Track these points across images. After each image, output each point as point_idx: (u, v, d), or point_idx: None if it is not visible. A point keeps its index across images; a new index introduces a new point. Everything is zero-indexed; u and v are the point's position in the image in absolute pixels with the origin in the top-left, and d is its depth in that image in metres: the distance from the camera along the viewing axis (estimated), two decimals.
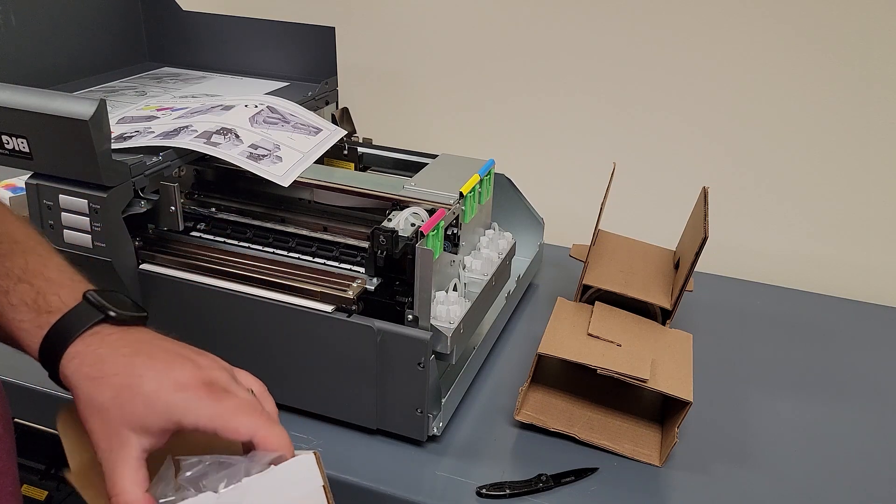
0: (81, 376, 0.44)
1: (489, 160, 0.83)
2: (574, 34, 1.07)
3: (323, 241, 0.76)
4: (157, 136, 0.75)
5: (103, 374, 0.44)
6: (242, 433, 0.43)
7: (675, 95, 1.05)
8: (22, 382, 0.74)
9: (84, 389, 0.44)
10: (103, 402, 0.43)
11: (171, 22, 1.06)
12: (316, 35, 1.00)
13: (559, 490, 0.67)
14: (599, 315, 0.79)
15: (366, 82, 1.20)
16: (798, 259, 1.07)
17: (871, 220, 1.03)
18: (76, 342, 0.45)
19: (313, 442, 0.71)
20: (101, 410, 0.43)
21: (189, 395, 0.43)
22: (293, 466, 0.43)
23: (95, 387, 0.44)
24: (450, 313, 0.70)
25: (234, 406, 0.43)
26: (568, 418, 0.74)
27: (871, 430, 0.77)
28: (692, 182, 0.88)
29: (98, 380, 0.44)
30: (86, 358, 0.45)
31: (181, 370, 0.44)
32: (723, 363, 0.86)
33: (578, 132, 1.12)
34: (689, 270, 0.76)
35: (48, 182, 0.69)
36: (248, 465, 0.43)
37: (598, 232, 0.84)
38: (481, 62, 1.13)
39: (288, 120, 0.84)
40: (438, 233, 0.68)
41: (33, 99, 0.64)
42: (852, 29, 0.95)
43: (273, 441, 0.43)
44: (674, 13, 1.01)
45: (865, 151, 1.00)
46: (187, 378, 0.44)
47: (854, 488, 0.69)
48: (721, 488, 0.68)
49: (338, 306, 0.68)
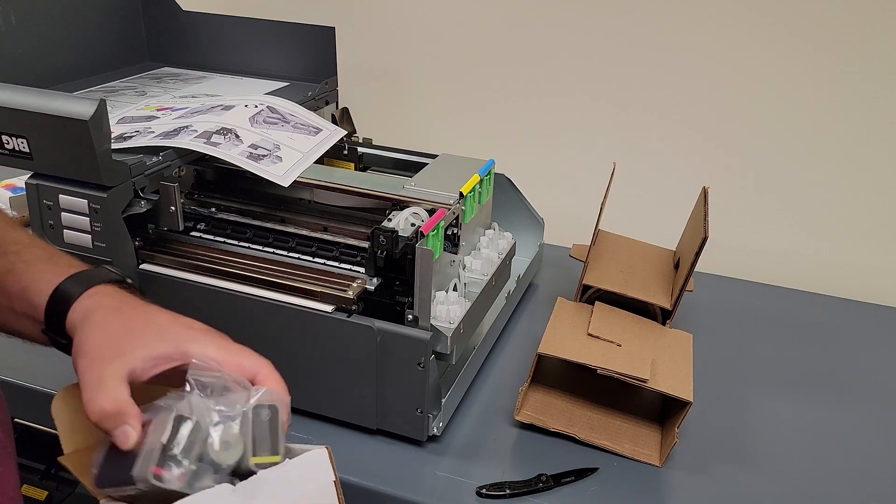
0: (100, 305, 0.47)
1: (489, 160, 0.83)
2: (574, 35, 1.07)
3: (323, 241, 0.76)
4: (157, 136, 0.75)
5: (122, 306, 0.47)
6: (247, 367, 0.46)
7: (675, 96, 1.05)
8: (22, 382, 0.74)
9: (98, 317, 0.46)
10: (116, 325, 0.45)
11: (171, 22, 1.06)
12: (316, 35, 1.00)
13: (559, 490, 0.67)
14: (599, 315, 0.79)
15: (366, 82, 1.20)
16: (798, 259, 1.07)
17: (871, 220, 1.03)
18: (98, 287, 0.48)
19: (313, 442, 0.71)
20: (111, 331, 0.45)
21: (199, 333, 0.47)
22: (307, 461, 0.44)
23: (113, 314, 0.46)
24: (450, 313, 0.70)
25: (239, 347, 0.47)
26: (568, 418, 0.74)
27: (871, 429, 0.77)
28: (692, 182, 0.88)
29: (117, 310, 0.46)
30: (105, 297, 0.48)
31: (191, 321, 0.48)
32: (723, 363, 0.86)
33: (578, 132, 1.12)
34: (689, 270, 0.76)
35: (48, 182, 0.69)
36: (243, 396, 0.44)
37: (598, 232, 0.84)
38: (481, 62, 1.13)
39: (288, 120, 0.84)
40: (438, 233, 0.68)
41: (33, 99, 0.64)
42: (852, 29, 0.95)
43: (274, 380, 0.46)
44: (674, 14, 1.01)
45: (865, 151, 1.00)
46: (197, 325, 0.48)
47: (854, 488, 0.69)
48: (721, 488, 0.68)
49: (338, 306, 0.68)
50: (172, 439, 0.42)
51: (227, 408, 0.43)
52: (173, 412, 0.42)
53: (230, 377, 0.45)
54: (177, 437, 0.42)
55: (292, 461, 0.43)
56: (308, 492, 0.43)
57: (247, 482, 0.42)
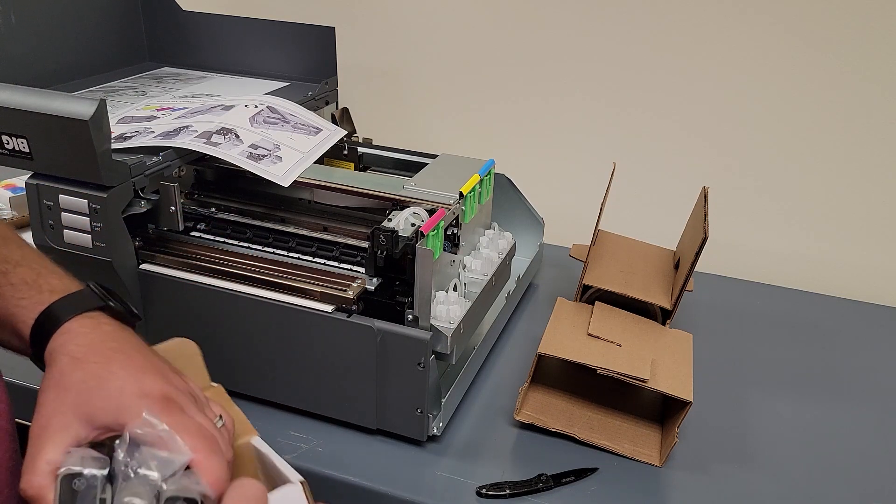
0: (65, 352, 0.46)
1: (489, 160, 0.83)
2: (574, 35, 1.07)
3: (323, 241, 0.76)
4: (157, 136, 0.75)
5: (85, 357, 0.45)
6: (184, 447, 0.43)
7: (675, 96, 1.05)
8: (22, 382, 0.74)
9: (61, 364, 0.45)
10: (72, 382, 0.44)
11: (171, 22, 1.06)
12: (316, 35, 1.00)
13: (559, 490, 0.67)
14: (599, 315, 0.79)
15: (366, 82, 1.20)
16: (798, 259, 1.07)
17: (871, 220, 1.03)
18: (72, 321, 0.47)
19: (313, 442, 0.71)
20: (65, 389, 0.44)
21: (144, 404, 0.43)
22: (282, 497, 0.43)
23: (73, 366, 0.45)
24: (450, 313, 0.70)
25: (181, 423, 0.43)
26: (568, 418, 0.74)
27: (871, 429, 0.77)
28: (692, 182, 0.88)
29: (78, 360, 0.45)
30: (76, 337, 0.47)
31: (151, 379, 0.45)
32: (723, 363, 0.86)
33: (578, 132, 1.12)
34: (689, 270, 0.76)
35: (48, 182, 0.69)
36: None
37: (598, 232, 0.84)
38: (482, 62, 1.13)
39: (288, 120, 0.84)
40: (438, 233, 0.68)
41: (33, 99, 0.64)
42: (852, 29, 0.95)
43: (209, 469, 0.42)
44: (674, 14, 1.01)
45: (865, 151, 1.00)
46: (151, 388, 0.45)
47: (854, 488, 0.69)
48: (721, 488, 0.68)
49: (338, 306, 0.68)
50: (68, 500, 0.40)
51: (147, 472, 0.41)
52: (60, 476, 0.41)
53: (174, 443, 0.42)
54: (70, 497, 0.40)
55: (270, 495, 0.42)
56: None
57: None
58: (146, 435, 0.42)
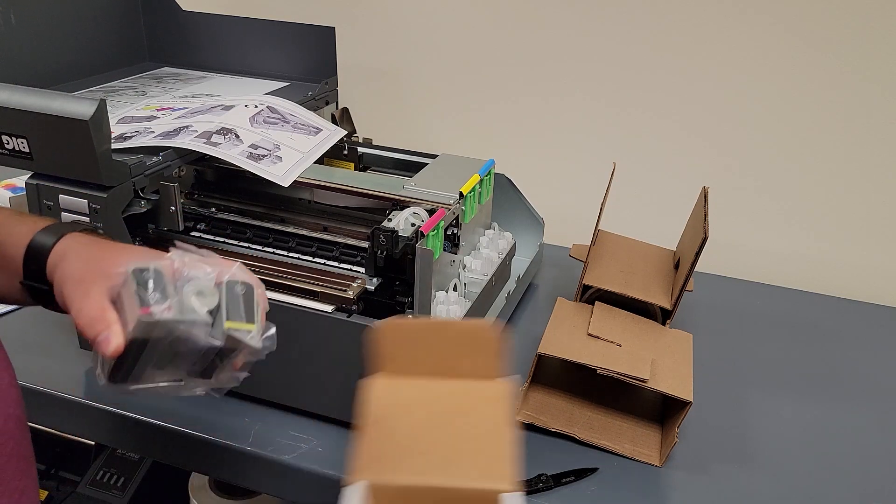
0: (77, 243, 0.52)
1: (489, 160, 0.83)
2: (574, 35, 1.07)
3: (323, 241, 0.76)
4: (157, 136, 0.75)
5: (97, 240, 0.54)
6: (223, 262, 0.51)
7: (675, 96, 1.05)
8: (22, 382, 0.74)
9: (76, 250, 0.51)
10: (93, 253, 0.51)
11: (171, 22, 1.06)
12: (316, 35, 1.00)
13: (559, 490, 0.67)
14: (599, 315, 0.79)
15: (366, 82, 1.20)
16: (798, 259, 1.07)
17: (871, 220, 1.03)
18: (72, 234, 0.53)
19: (313, 442, 0.71)
20: (88, 259, 0.50)
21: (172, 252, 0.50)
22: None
23: (88, 246, 0.52)
24: (450, 313, 0.70)
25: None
26: (568, 418, 0.74)
27: (871, 430, 0.77)
28: (692, 182, 0.88)
29: (92, 242, 0.53)
30: (81, 237, 0.53)
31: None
32: (723, 363, 0.86)
33: (578, 132, 1.12)
34: (689, 270, 0.76)
35: (48, 182, 0.69)
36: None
37: (598, 232, 0.84)
38: (482, 62, 1.13)
39: (288, 120, 0.84)
40: (438, 233, 0.69)
41: (33, 99, 0.64)
42: (852, 29, 0.95)
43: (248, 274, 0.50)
44: (674, 14, 1.01)
45: (865, 151, 1.00)
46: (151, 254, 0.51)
47: (854, 488, 0.69)
48: (721, 488, 0.68)
49: (338, 306, 0.68)
50: (143, 287, 0.44)
51: (200, 274, 0.46)
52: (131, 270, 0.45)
53: (210, 259, 0.48)
54: (145, 283, 0.44)
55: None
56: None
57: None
58: (186, 251, 0.48)
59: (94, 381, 0.77)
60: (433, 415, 0.52)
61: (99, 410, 0.74)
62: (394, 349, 0.54)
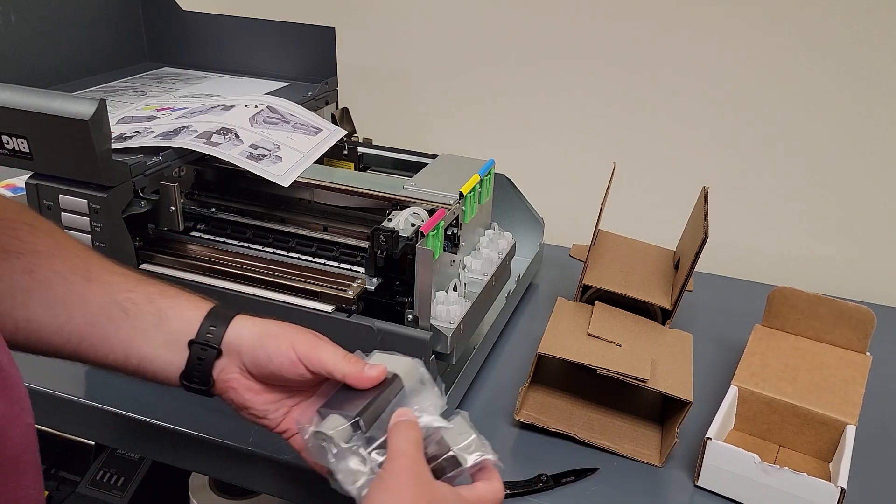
0: (262, 322, 0.56)
1: (489, 160, 0.83)
2: (574, 34, 1.07)
3: (323, 241, 0.76)
4: (157, 136, 0.75)
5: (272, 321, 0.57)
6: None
7: (675, 95, 1.05)
8: (25, 384, 0.74)
9: (273, 325, 0.56)
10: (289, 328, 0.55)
11: (171, 22, 1.06)
12: (316, 35, 1.00)
13: (559, 490, 0.67)
14: (599, 315, 0.79)
15: (366, 82, 1.20)
16: (798, 259, 1.07)
17: (872, 220, 1.03)
18: (236, 318, 0.56)
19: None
20: (291, 330, 0.55)
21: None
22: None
23: (278, 323, 0.56)
24: (450, 313, 0.70)
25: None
26: (568, 418, 0.74)
27: (872, 430, 0.77)
28: (692, 182, 0.88)
29: (273, 321, 0.56)
30: (251, 318, 0.56)
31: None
32: (723, 363, 0.86)
33: (578, 132, 1.12)
34: (689, 270, 0.76)
35: (48, 182, 0.69)
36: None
37: (598, 232, 0.84)
38: (482, 62, 1.13)
39: (288, 120, 0.84)
40: (438, 233, 0.68)
41: (33, 99, 0.64)
42: (853, 29, 0.95)
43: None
44: (674, 13, 1.01)
45: (865, 151, 1.00)
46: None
47: (854, 488, 0.69)
48: None
49: (338, 306, 0.68)
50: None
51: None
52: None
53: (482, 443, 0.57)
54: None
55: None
56: None
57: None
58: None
59: (94, 381, 0.77)
60: (804, 361, 0.75)
61: (99, 410, 0.74)
62: (780, 308, 0.78)
